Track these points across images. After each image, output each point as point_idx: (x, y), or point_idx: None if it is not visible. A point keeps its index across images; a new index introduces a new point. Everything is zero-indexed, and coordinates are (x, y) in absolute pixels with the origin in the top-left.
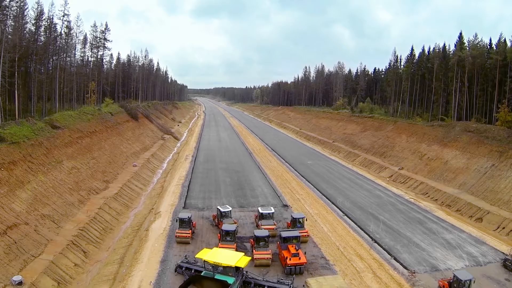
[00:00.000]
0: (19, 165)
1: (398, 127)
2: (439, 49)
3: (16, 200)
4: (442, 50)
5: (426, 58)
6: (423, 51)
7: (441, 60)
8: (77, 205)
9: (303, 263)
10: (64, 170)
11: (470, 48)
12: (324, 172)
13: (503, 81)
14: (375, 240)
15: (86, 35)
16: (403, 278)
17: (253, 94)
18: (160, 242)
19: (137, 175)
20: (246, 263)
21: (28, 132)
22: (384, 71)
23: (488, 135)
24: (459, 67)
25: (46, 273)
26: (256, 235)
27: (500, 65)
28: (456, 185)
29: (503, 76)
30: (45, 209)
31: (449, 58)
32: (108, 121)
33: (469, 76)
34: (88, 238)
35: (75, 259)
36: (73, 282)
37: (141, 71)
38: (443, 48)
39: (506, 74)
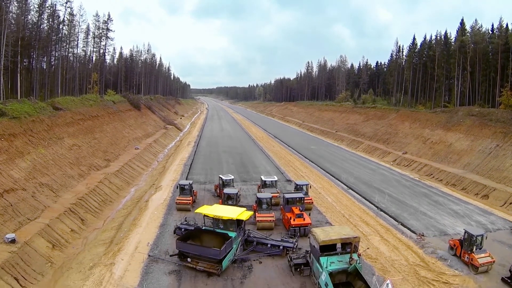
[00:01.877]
0: (19, 138)
1: (401, 115)
2: (440, 37)
3: (14, 168)
4: (444, 37)
5: (428, 47)
6: (425, 40)
7: (443, 47)
8: (76, 178)
9: (307, 224)
10: (65, 146)
11: (472, 34)
12: (327, 155)
13: (505, 65)
14: (381, 209)
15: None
16: (411, 241)
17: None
18: (160, 210)
19: (139, 156)
20: (247, 216)
21: (29, 109)
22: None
23: (491, 118)
24: (461, 53)
25: (41, 235)
26: (259, 197)
27: (502, 50)
28: (461, 166)
29: (505, 60)
30: (44, 179)
31: (451, 45)
32: (110, 108)
33: (471, 63)
34: (87, 208)
35: (72, 225)
36: (68, 246)
37: (143, 66)
38: (444, 35)
39: (508, 58)
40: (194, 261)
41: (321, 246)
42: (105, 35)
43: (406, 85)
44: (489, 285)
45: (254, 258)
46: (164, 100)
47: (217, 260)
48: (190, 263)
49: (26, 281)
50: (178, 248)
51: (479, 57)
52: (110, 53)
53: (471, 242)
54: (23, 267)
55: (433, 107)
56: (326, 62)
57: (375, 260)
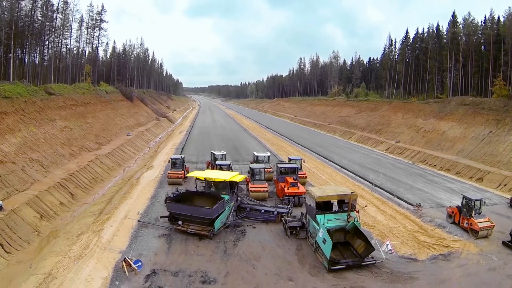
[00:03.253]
0: (11, 116)
1: (394, 107)
2: (432, 29)
3: (5, 142)
4: (436, 30)
5: (420, 39)
6: (417, 33)
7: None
8: (67, 157)
9: (302, 193)
10: (57, 127)
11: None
12: (320, 142)
13: (497, 56)
14: (376, 185)
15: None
16: (408, 211)
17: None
18: (151, 185)
19: (130, 142)
20: (241, 179)
21: (22, 90)
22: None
23: (484, 106)
24: (453, 45)
25: (29, 205)
26: (251, 167)
27: (494, 41)
28: (454, 152)
29: (497, 52)
30: (34, 155)
31: (443, 37)
32: (103, 97)
33: (464, 54)
34: (77, 184)
35: (61, 198)
36: (56, 217)
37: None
38: (436, 28)
39: (500, 49)
40: (185, 224)
41: (317, 203)
42: (98, 25)
43: (399, 77)
44: (490, 248)
45: (248, 224)
46: (156, 94)
47: (209, 220)
48: (181, 226)
49: (11, 247)
50: (169, 209)
51: (471, 49)
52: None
53: (469, 207)
54: (8, 233)
55: (425, 99)
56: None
57: (372, 227)
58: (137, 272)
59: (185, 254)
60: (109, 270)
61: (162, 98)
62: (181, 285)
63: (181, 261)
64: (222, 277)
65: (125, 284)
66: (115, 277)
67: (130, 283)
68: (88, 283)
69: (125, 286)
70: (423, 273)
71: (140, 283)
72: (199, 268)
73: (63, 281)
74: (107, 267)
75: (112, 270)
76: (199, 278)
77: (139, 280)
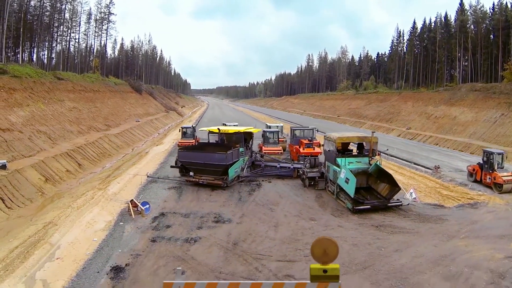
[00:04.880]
0: (19, 92)
1: (403, 97)
2: (441, 18)
3: (12, 114)
4: (444, 18)
5: (428, 30)
6: (425, 23)
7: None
8: (75, 133)
9: (317, 153)
10: (65, 107)
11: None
12: (331, 127)
13: (506, 42)
14: (391, 155)
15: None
16: (427, 174)
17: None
18: (160, 155)
19: (140, 127)
20: (255, 130)
21: (31, 71)
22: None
23: (495, 91)
24: (461, 33)
25: (34, 167)
26: (264, 131)
27: (503, 27)
28: (467, 135)
29: (507, 37)
30: (42, 128)
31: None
32: (112, 87)
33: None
34: (84, 155)
35: (68, 166)
36: (62, 182)
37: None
38: (445, 17)
39: (509, 35)
40: (197, 175)
41: (337, 146)
42: (107, 18)
43: (408, 68)
44: None
45: (263, 179)
46: (165, 91)
47: (223, 168)
48: (192, 178)
49: (13, 203)
50: (180, 158)
51: (480, 36)
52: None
53: (491, 161)
54: (11, 190)
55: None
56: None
57: None
58: (144, 214)
59: (196, 201)
60: (114, 215)
61: (171, 95)
62: (192, 224)
63: (192, 206)
64: (238, 217)
65: (130, 224)
66: (120, 219)
67: (136, 223)
68: (90, 225)
69: (130, 225)
70: (451, 216)
71: (147, 223)
72: (211, 211)
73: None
74: (112, 213)
75: (117, 215)
76: (212, 218)
77: (146, 221)
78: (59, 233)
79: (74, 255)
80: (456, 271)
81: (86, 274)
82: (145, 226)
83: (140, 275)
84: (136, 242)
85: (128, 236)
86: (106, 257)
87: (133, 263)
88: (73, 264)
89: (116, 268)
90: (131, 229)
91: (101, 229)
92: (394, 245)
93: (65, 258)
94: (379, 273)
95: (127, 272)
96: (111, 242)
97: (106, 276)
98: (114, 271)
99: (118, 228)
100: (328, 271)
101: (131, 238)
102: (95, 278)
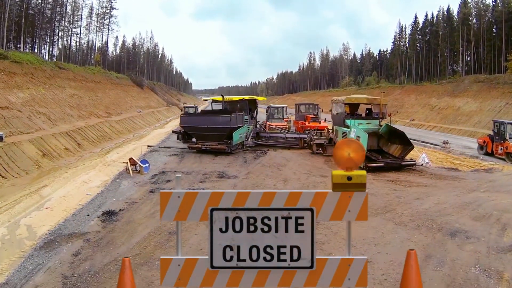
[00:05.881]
0: (20, 76)
1: (406, 90)
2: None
3: (12, 95)
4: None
5: (430, 24)
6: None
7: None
8: (76, 118)
9: (323, 127)
10: (66, 93)
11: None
12: None
13: (509, 33)
14: None
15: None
16: (436, 150)
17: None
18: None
19: (141, 116)
20: (261, 99)
21: (32, 59)
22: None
23: (499, 82)
24: (464, 25)
25: (32, 142)
26: (268, 107)
27: (505, 19)
28: (471, 124)
29: (509, 29)
30: (42, 109)
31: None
32: (113, 80)
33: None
34: (84, 136)
35: (67, 144)
36: (60, 159)
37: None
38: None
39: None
40: (200, 142)
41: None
42: (108, 13)
43: (410, 63)
44: None
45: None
46: (166, 88)
47: (227, 132)
48: (195, 144)
49: (7, 173)
50: (182, 124)
51: (483, 29)
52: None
53: (502, 132)
54: (6, 161)
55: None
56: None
57: None
58: (143, 172)
59: (199, 163)
60: (111, 176)
61: (172, 93)
62: (194, 179)
63: (195, 167)
64: (243, 174)
65: (127, 180)
66: (117, 178)
67: (134, 180)
68: (85, 183)
69: (128, 181)
70: (468, 176)
71: (146, 179)
72: (215, 170)
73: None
74: (109, 174)
75: (114, 176)
76: (216, 174)
77: (145, 178)
78: (51, 188)
79: (65, 206)
80: (485, 213)
81: (75, 218)
82: (144, 182)
83: (134, 217)
84: (133, 193)
85: (124, 188)
86: (98, 204)
87: (128, 208)
88: (63, 213)
89: (108, 212)
90: (128, 184)
91: (96, 186)
92: (414, 195)
93: (55, 208)
94: (402, 216)
95: (120, 215)
96: (106, 193)
97: (97, 219)
98: (106, 215)
99: (114, 184)
100: (353, 178)
101: (127, 190)
102: (84, 220)
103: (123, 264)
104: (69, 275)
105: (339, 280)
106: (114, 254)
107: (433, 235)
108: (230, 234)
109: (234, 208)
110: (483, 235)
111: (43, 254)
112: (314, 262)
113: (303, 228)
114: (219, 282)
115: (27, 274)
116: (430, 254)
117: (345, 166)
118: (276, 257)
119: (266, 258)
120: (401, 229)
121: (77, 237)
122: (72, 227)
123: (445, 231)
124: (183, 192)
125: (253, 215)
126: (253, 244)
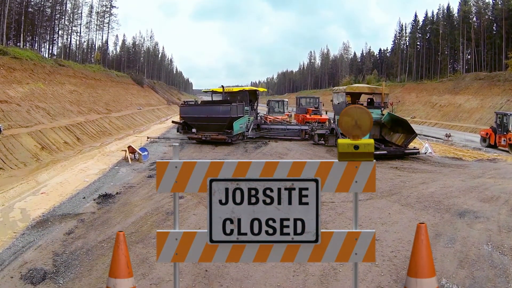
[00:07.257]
0: (19, 72)
1: (407, 88)
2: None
3: (11, 89)
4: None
5: (430, 22)
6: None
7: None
8: (75, 113)
9: (324, 120)
10: (66, 89)
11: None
12: None
13: (509, 31)
14: None
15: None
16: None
17: None
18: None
19: (141, 114)
20: (262, 89)
21: (32, 55)
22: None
23: (499, 79)
24: (464, 23)
25: (30, 135)
26: (269, 99)
27: (505, 16)
28: (473, 121)
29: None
30: (41, 104)
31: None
32: (113, 77)
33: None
34: (84, 131)
35: (66, 138)
36: (59, 152)
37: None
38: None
39: None
40: (200, 132)
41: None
42: (108, 11)
43: (410, 61)
44: None
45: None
46: (167, 87)
47: (228, 121)
48: (195, 135)
49: (5, 165)
50: (182, 114)
51: (483, 27)
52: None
53: (505, 123)
54: (4, 152)
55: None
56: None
57: None
58: (141, 160)
59: (199, 152)
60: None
61: (173, 92)
62: None
63: (195, 156)
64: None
65: (126, 167)
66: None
67: (133, 167)
68: (83, 171)
69: (126, 168)
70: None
71: (144, 167)
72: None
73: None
74: (107, 163)
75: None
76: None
77: (143, 165)
78: (48, 175)
79: (61, 191)
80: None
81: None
82: (142, 168)
83: (132, 200)
84: (131, 178)
85: (122, 174)
86: (95, 189)
87: (125, 192)
88: (58, 197)
89: (105, 195)
90: (127, 171)
91: (94, 173)
92: (419, 179)
93: (51, 193)
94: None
95: (117, 198)
96: (103, 179)
97: (93, 201)
98: (102, 197)
99: (112, 171)
100: (360, 147)
101: (125, 176)
102: (80, 202)
103: (117, 238)
104: (60, 252)
105: (345, 255)
106: (109, 233)
107: (441, 215)
108: (230, 206)
109: (235, 179)
110: (492, 215)
111: (34, 233)
112: (319, 235)
113: (308, 200)
114: (219, 257)
115: (16, 251)
116: (440, 233)
117: (352, 135)
118: (278, 230)
119: (268, 232)
120: (408, 210)
121: (71, 218)
122: (67, 209)
123: (453, 212)
124: (180, 162)
125: (255, 186)
126: (255, 216)
